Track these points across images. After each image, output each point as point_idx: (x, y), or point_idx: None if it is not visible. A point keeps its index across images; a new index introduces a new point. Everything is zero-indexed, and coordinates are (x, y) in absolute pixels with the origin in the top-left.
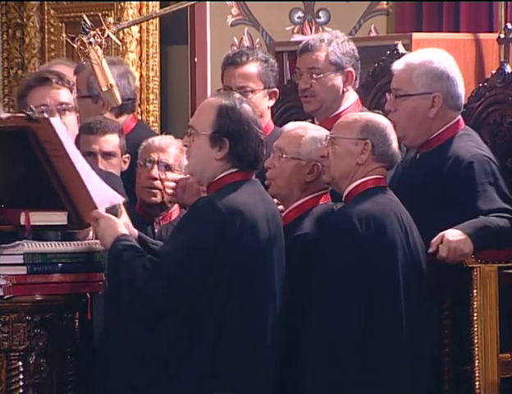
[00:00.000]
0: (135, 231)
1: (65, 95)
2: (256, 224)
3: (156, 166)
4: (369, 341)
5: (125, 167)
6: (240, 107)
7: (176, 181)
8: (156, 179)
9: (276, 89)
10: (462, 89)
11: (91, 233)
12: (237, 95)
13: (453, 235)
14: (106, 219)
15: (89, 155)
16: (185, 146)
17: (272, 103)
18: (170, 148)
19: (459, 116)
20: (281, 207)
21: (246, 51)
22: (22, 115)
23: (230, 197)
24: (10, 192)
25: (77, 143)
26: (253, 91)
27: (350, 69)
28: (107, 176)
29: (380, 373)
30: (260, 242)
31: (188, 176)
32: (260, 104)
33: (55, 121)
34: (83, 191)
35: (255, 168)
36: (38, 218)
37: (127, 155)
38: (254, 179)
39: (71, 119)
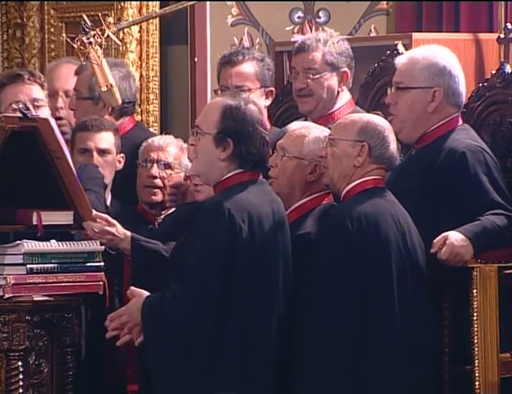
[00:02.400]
0: (128, 232)
1: (37, 91)
2: (263, 224)
3: (155, 165)
4: (363, 340)
5: (120, 166)
6: (244, 108)
7: (176, 187)
8: (156, 178)
9: (272, 89)
10: (463, 88)
11: None
12: (244, 96)
13: (456, 239)
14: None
15: (85, 152)
16: (192, 145)
17: (268, 102)
18: (169, 147)
19: (458, 114)
20: None
21: (242, 50)
22: (15, 115)
23: (238, 197)
24: (20, 191)
25: (72, 141)
26: (249, 90)
27: (345, 69)
28: (84, 167)
29: (374, 372)
30: (266, 242)
31: (188, 181)
32: None
33: (52, 121)
34: (79, 192)
35: (261, 168)
36: (47, 218)
37: (122, 155)
38: (261, 179)
39: (45, 115)
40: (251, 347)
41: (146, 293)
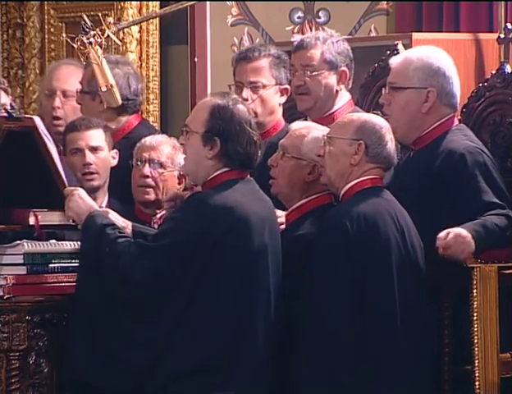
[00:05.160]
0: (128, 222)
1: (2, 97)
2: (248, 222)
3: (147, 164)
4: (363, 341)
5: (114, 162)
6: (232, 108)
7: (172, 199)
8: (147, 177)
9: (287, 86)
10: (457, 89)
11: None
12: (233, 96)
13: (461, 231)
14: (81, 194)
15: (77, 152)
16: (181, 145)
17: (283, 99)
18: (161, 146)
19: (453, 115)
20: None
21: (259, 47)
22: (1, 115)
23: (223, 194)
24: (17, 192)
25: (64, 143)
26: (264, 86)
27: (344, 68)
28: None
29: (375, 372)
30: (252, 240)
31: (186, 192)
32: (271, 100)
33: (37, 119)
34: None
35: (249, 168)
36: (45, 218)
37: (115, 150)
38: (249, 178)
39: None
40: (232, 342)
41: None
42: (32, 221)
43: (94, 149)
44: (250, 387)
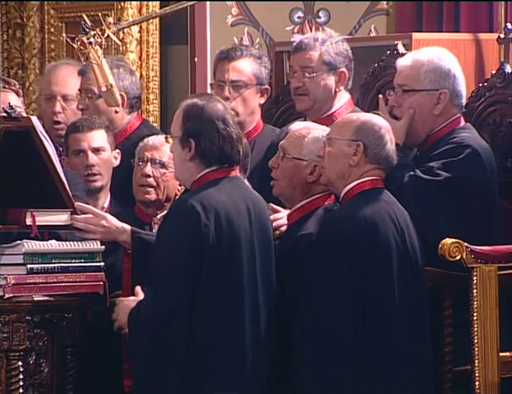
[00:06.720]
0: (126, 226)
1: (13, 98)
2: (231, 221)
3: (149, 163)
4: (365, 342)
5: (117, 162)
6: (202, 106)
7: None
8: (149, 176)
9: (267, 87)
10: (464, 88)
11: None
12: (209, 95)
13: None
14: (125, 302)
15: (79, 153)
16: (171, 152)
17: (263, 100)
18: (164, 146)
19: (460, 114)
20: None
21: (240, 47)
22: (0, 115)
23: (205, 195)
24: (15, 192)
25: (66, 143)
26: (246, 86)
27: (343, 69)
28: (64, 173)
29: (376, 373)
30: (236, 238)
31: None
32: (252, 100)
33: (35, 119)
34: (63, 189)
35: (231, 165)
36: (42, 218)
37: (117, 150)
38: (235, 175)
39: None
40: (224, 349)
41: (133, 301)
42: (29, 221)
43: (97, 150)
44: (250, 386)
